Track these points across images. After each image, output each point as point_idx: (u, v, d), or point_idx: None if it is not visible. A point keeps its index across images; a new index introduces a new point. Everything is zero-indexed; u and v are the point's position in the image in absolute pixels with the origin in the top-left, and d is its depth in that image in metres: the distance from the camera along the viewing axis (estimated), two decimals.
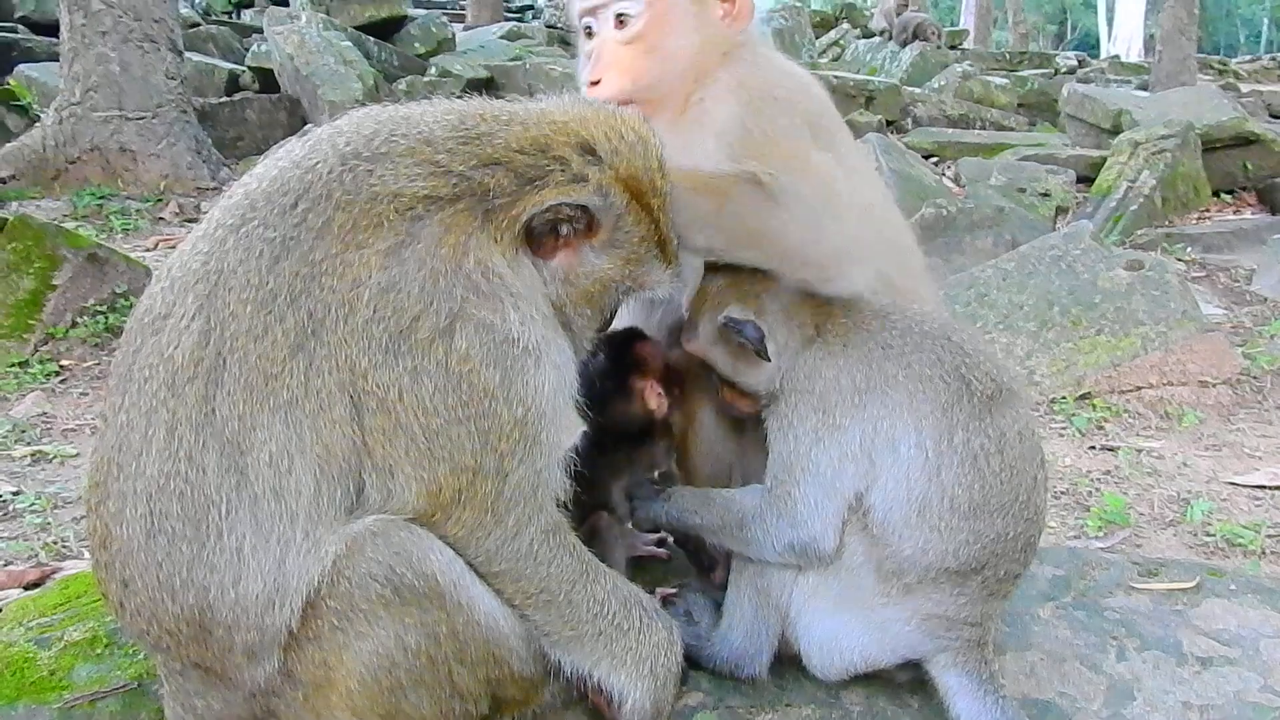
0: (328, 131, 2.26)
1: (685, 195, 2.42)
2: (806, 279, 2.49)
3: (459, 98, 2.41)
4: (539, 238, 2.22)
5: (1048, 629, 2.81)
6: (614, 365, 2.69)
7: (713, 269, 2.58)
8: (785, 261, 2.47)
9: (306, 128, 2.39)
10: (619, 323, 2.76)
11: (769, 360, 2.45)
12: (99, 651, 2.68)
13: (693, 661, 2.54)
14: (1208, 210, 11.74)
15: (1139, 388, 6.50)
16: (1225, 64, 30.71)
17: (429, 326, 2.06)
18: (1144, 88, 18.90)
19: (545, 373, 2.17)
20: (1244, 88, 21.70)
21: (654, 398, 2.69)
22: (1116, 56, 35.50)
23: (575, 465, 2.32)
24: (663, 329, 2.99)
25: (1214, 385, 6.49)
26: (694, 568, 2.96)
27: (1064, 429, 6.16)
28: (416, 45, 19.17)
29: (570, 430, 2.27)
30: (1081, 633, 2.79)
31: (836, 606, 2.41)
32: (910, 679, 2.51)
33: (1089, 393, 6.45)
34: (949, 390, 2.34)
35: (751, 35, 2.90)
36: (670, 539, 3.12)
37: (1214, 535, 4.78)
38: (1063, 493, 5.35)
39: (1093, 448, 5.93)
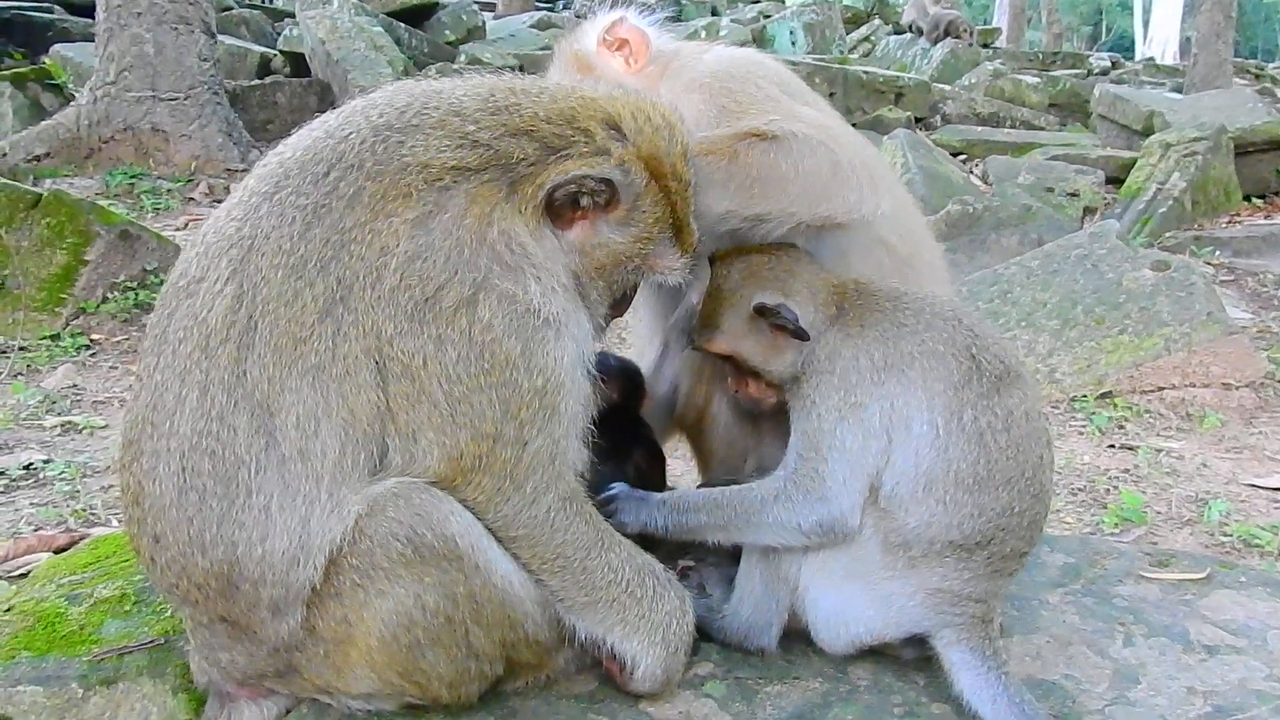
0: (361, 103, 2.32)
1: (696, 161, 2.46)
2: (831, 214, 2.53)
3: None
4: (559, 208, 2.26)
5: (1056, 614, 2.83)
6: None
7: (724, 263, 2.60)
8: (806, 199, 2.51)
9: None
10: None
11: (808, 339, 2.47)
12: (127, 609, 2.75)
13: (703, 633, 2.58)
14: (1238, 214, 11.62)
15: (1161, 388, 6.48)
16: (1262, 69, 30.24)
17: (454, 296, 2.12)
18: (1178, 90, 18.67)
19: (565, 344, 2.23)
20: None
21: None
22: (1151, 59, 35.11)
23: (593, 438, 2.37)
24: (676, 332, 3.04)
25: (1237, 388, 6.46)
26: None
27: (1084, 427, 6.15)
28: (447, 33, 19.25)
29: (587, 402, 2.32)
30: (1089, 618, 2.81)
31: (844, 580, 2.45)
32: (916, 656, 2.55)
33: (1110, 392, 6.45)
34: (961, 369, 2.39)
35: (671, 50, 2.96)
36: None
37: (1230, 535, 4.78)
38: (1080, 489, 5.35)
39: (1112, 446, 5.92)
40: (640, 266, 2.40)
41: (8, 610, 2.76)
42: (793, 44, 22.67)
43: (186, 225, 9.70)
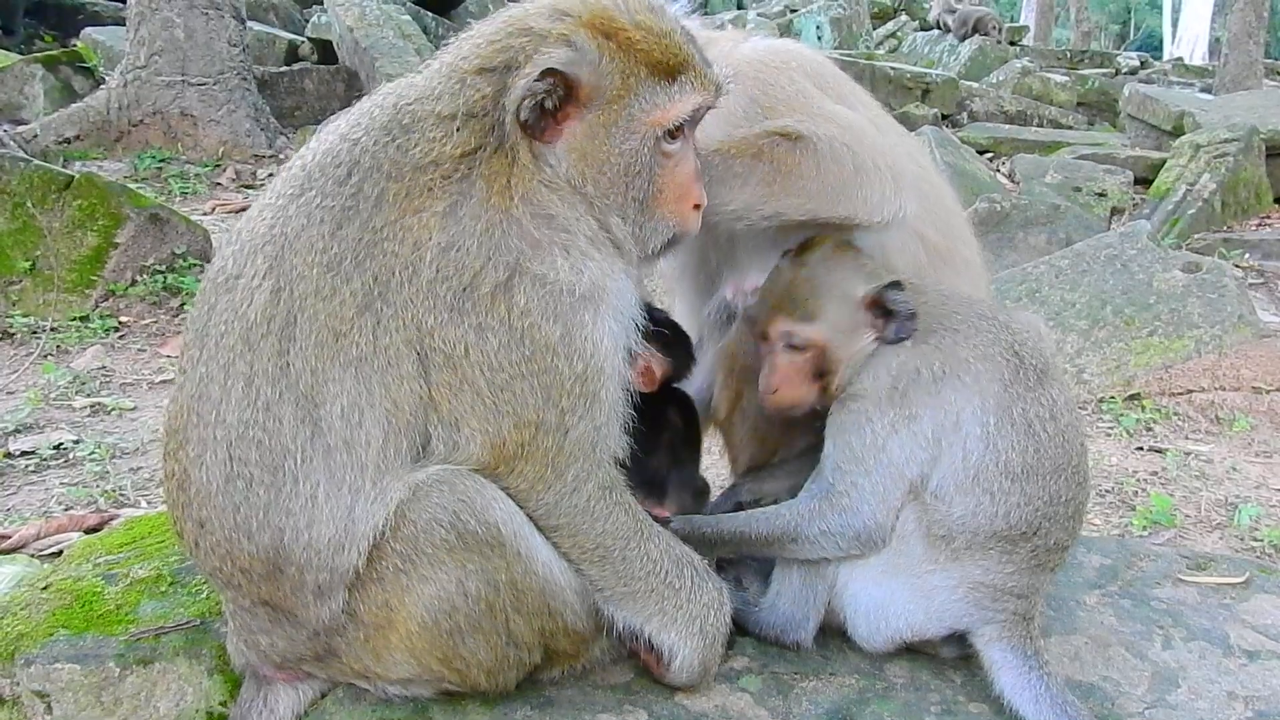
0: (367, 104, 2.34)
1: (720, 159, 2.50)
2: (851, 214, 2.55)
3: None
4: (537, 125, 2.18)
5: (1093, 615, 2.81)
6: None
7: (812, 253, 2.57)
8: (825, 198, 2.53)
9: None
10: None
11: (916, 331, 2.46)
12: (164, 589, 2.77)
13: (739, 626, 2.57)
14: (1269, 217, 11.48)
15: (1190, 391, 6.42)
16: None
17: (490, 281, 2.12)
18: (1208, 90, 18.51)
19: (604, 324, 2.21)
20: None
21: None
22: (1180, 58, 34.78)
23: (632, 425, 2.36)
24: (710, 325, 3.03)
25: (1267, 392, 6.38)
26: None
27: (1111, 429, 6.10)
28: (472, 21, 19.18)
29: (628, 388, 2.31)
30: (1127, 620, 2.79)
31: (884, 574, 2.45)
32: (955, 655, 2.54)
33: (1138, 394, 6.38)
34: (1009, 367, 2.42)
35: (704, 37, 2.92)
36: None
37: (1261, 540, 4.73)
38: (1107, 491, 5.31)
39: (1140, 448, 5.87)
40: (642, 131, 2.25)
41: (45, 588, 2.78)
42: (819, 39, 22.56)
43: (214, 210, 9.74)
